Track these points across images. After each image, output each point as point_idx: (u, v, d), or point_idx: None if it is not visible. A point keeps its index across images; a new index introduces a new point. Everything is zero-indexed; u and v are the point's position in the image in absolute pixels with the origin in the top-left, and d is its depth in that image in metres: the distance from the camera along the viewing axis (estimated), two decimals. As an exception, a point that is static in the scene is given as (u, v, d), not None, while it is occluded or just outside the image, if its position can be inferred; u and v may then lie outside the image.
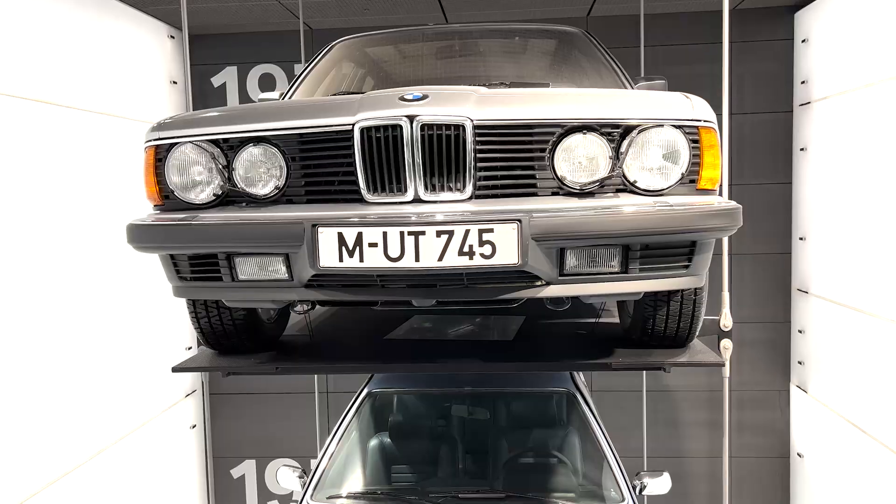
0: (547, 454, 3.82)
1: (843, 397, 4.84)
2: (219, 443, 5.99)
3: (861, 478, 4.55)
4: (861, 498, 4.55)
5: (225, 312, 2.51)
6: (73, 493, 4.08)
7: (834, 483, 4.98)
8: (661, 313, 2.44)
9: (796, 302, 5.60)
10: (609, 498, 3.45)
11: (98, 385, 4.40)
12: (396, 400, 4.28)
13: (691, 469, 5.78)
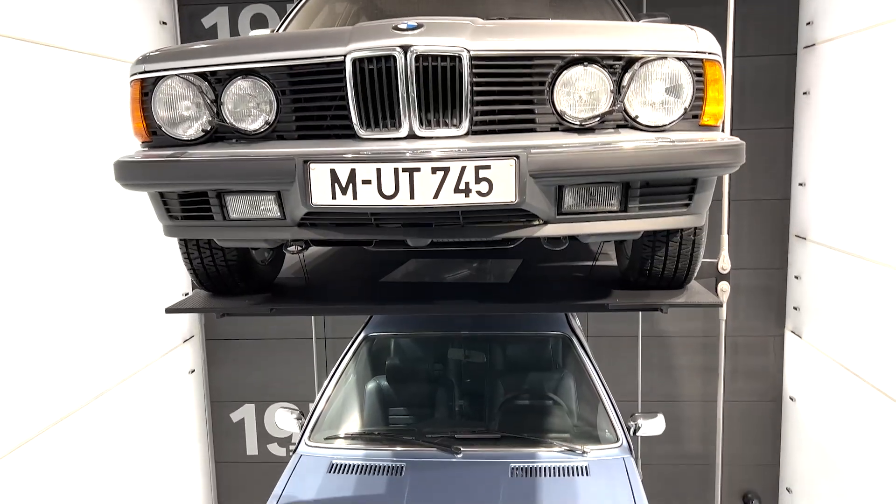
0: (542, 396, 3.85)
1: (837, 342, 4.87)
2: (217, 387, 6.05)
3: (852, 420, 4.61)
4: (851, 439, 4.63)
5: (218, 253, 2.48)
6: (74, 436, 4.12)
7: (824, 425, 5.05)
8: (660, 254, 2.41)
9: (794, 248, 5.58)
10: (604, 438, 3.49)
11: (96, 330, 4.40)
12: (393, 344, 4.29)
13: (685, 413, 5.86)
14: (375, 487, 3.21)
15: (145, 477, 4.96)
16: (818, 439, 5.17)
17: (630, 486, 3.16)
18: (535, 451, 3.40)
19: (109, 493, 4.49)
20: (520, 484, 3.17)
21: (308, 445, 3.53)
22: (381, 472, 3.28)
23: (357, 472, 3.30)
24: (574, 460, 3.33)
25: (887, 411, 4.14)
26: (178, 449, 5.55)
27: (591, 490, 3.13)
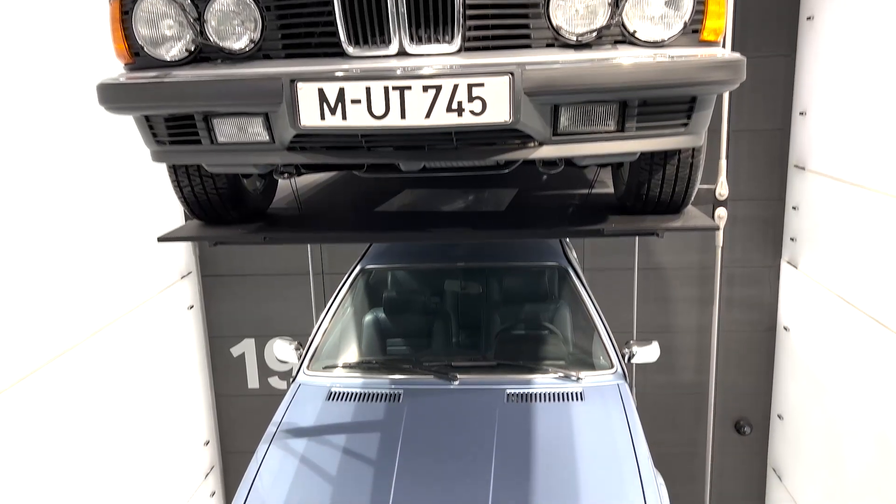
0: (538, 325, 3.88)
1: (833, 273, 4.89)
2: (217, 323, 6.09)
3: (845, 349, 4.67)
4: (843, 367, 4.70)
5: (208, 180, 2.44)
6: (75, 370, 4.16)
7: (817, 354, 5.12)
8: (657, 177, 2.37)
9: (792, 178, 5.54)
10: (598, 365, 3.53)
11: (95, 265, 4.40)
12: (390, 276, 4.30)
13: (679, 343, 5.93)
14: (374, 414, 3.26)
15: (148, 410, 5.04)
16: (811, 368, 5.24)
17: (624, 411, 3.20)
18: (530, 377, 3.44)
19: (112, 427, 4.57)
20: (515, 409, 3.22)
21: (307, 374, 3.57)
22: (379, 400, 3.33)
23: (355, 400, 3.34)
24: (569, 386, 3.37)
25: (882, 339, 4.19)
26: (180, 383, 5.63)
27: (585, 415, 3.18)
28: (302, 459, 2.97)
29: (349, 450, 3.04)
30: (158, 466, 5.17)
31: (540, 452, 2.96)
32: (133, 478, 4.78)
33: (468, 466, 2.90)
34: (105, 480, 4.44)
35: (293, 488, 2.82)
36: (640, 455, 2.93)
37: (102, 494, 4.41)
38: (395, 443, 3.02)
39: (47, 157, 3.96)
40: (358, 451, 3.03)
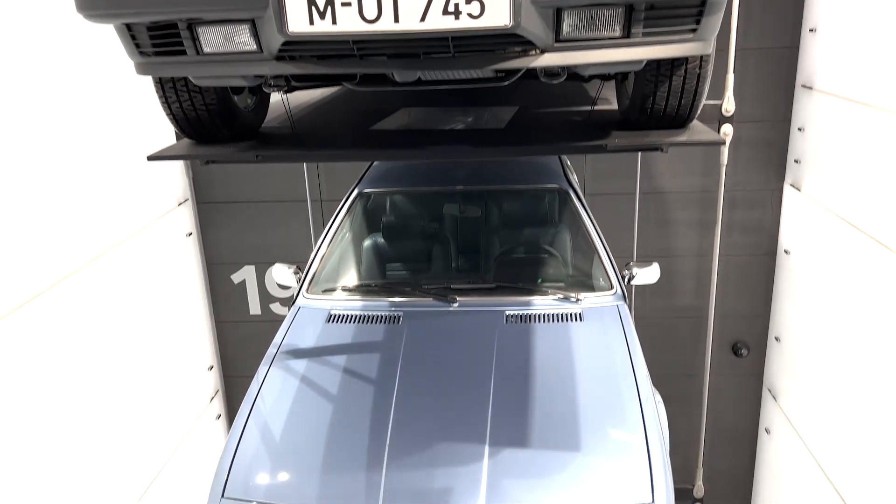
0: (538, 248, 3.85)
1: (837, 194, 4.82)
2: (216, 250, 6.07)
3: (846, 271, 4.65)
4: (843, 289, 4.69)
5: (196, 96, 2.36)
6: (74, 297, 4.16)
7: (817, 277, 5.11)
8: (663, 89, 2.29)
9: (799, 98, 5.41)
10: (598, 286, 3.51)
11: (90, 191, 4.34)
12: (388, 200, 4.24)
13: (679, 267, 5.92)
14: (373, 335, 3.27)
15: (150, 336, 5.07)
16: (810, 290, 5.25)
17: (623, 331, 3.21)
18: (529, 299, 3.43)
19: (116, 353, 4.61)
20: (514, 330, 3.22)
21: (306, 298, 3.56)
22: (378, 322, 3.33)
23: (355, 322, 3.35)
24: (568, 307, 3.36)
25: (884, 261, 4.16)
26: (182, 309, 5.65)
27: (584, 335, 3.19)
28: (302, 380, 2.99)
29: (349, 370, 3.06)
30: (164, 390, 5.25)
31: (538, 372, 2.97)
32: (139, 402, 4.86)
33: (467, 387, 2.92)
34: (111, 405, 4.51)
35: (294, 408, 2.85)
36: (639, 374, 2.95)
37: (109, 420, 4.48)
38: (394, 364, 3.04)
39: (43, 83, 3.84)
40: (358, 372, 3.05)
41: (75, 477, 4.10)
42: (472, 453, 2.57)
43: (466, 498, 2.43)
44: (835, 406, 4.78)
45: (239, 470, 2.59)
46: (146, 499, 4.84)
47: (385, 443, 2.62)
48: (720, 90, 3.49)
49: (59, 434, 3.97)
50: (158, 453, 5.12)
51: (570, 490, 2.45)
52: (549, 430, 2.68)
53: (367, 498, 2.44)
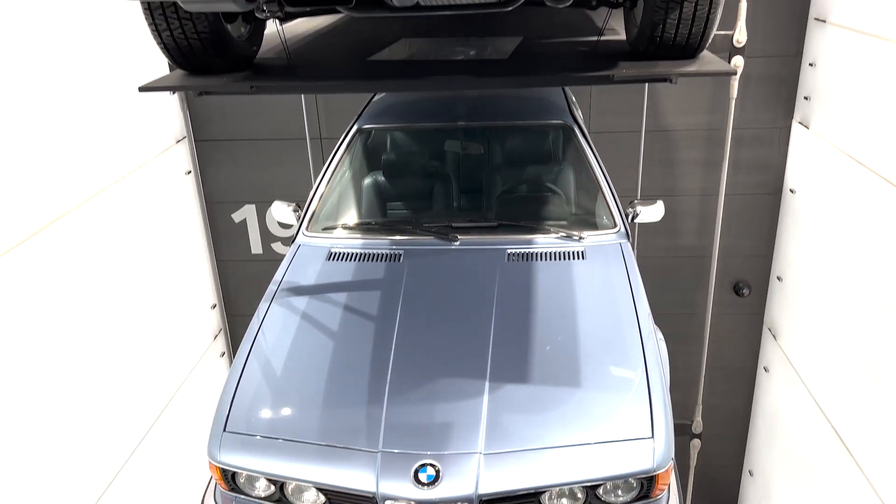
0: (541, 186, 3.79)
1: (847, 132, 4.72)
2: (216, 188, 6.01)
3: (852, 210, 4.60)
4: (848, 228, 4.65)
5: (187, 23, 2.26)
6: (74, 235, 4.12)
7: (822, 216, 5.06)
8: (673, 17, 2.19)
9: (811, 32, 5.24)
10: (601, 225, 3.47)
11: (87, 127, 4.25)
12: (389, 137, 4.16)
13: (683, 207, 5.86)
14: (374, 273, 3.25)
15: (152, 274, 5.07)
16: (814, 230, 5.21)
17: (626, 269, 3.18)
18: (531, 237, 3.40)
19: (118, 291, 4.61)
20: (516, 268, 3.20)
21: (306, 235, 3.53)
22: (379, 260, 3.31)
23: (355, 260, 3.32)
24: (571, 245, 3.33)
25: (892, 201, 4.10)
26: (183, 248, 5.63)
27: (586, 272, 3.17)
28: (303, 317, 2.98)
29: (350, 308, 3.05)
30: (168, 329, 5.28)
31: (540, 310, 2.96)
32: (143, 340, 4.89)
33: (468, 324, 2.91)
34: (114, 344, 4.54)
35: (295, 344, 2.85)
36: (641, 311, 2.94)
37: (113, 357, 4.52)
38: (395, 301, 3.03)
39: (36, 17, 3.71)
40: (359, 309, 3.04)
41: (80, 415, 4.16)
42: (473, 389, 2.59)
43: (467, 433, 2.45)
44: (834, 345, 4.80)
45: (241, 405, 2.61)
46: (150, 436, 4.93)
47: (386, 378, 2.63)
48: (731, 21, 3.35)
49: (60, 373, 4.00)
50: (163, 391, 5.18)
51: (571, 425, 2.47)
52: (549, 367, 2.69)
53: (368, 432, 2.46)
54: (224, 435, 2.53)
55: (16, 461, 3.60)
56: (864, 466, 4.33)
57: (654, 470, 2.37)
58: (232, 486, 2.58)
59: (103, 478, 4.39)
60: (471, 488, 2.32)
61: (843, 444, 4.57)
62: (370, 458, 2.39)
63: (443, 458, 2.37)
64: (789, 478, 5.59)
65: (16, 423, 3.61)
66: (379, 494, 2.34)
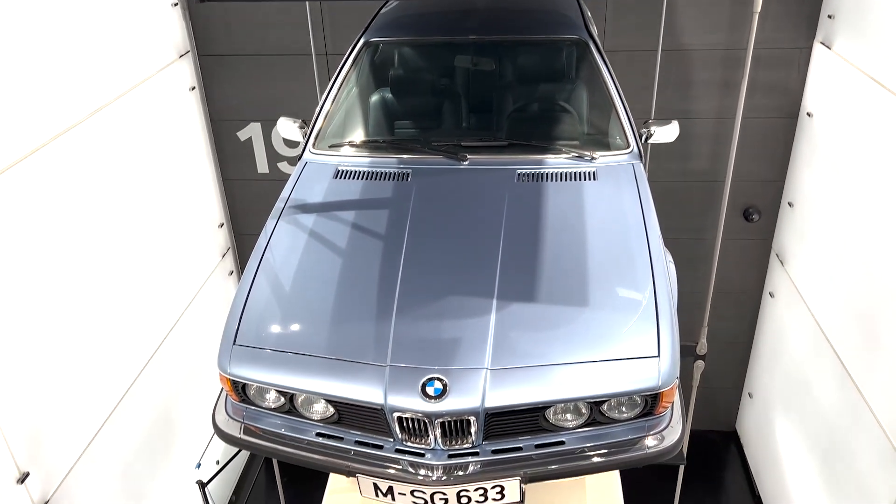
0: (553, 104, 3.70)
1: (871, 54, 4.56)
2: (220, 106, 5.91)
3: (871, 134, 4.49)
4: (864, 153, 4.55)
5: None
6: (77, 151, 4.08)
7: (839, 141, 4.95)
8: None
9: (840, -54, 4.99)
10: (614, 145, 3.41)
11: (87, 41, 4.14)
12: (396, 53, 4.04)
13: (696, 130, 5.75)
14: (382, 192, 3.22)
15: (158, 192, 5.05)
16: (829, 155, 5.11)
17: (637, 190, 3.14)
18: (542, 157, 3.34)
19: (124, 209, 4.60)
20: (525, 188, 3.16)
21: (312, 153, 3.49)
22: (387, 179, 3.27)
23: (363, 178, 3.29)
24: (582, 166, 3.28)
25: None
26: (188, 165, 5.59)
27: (597, 193, 3.13)
28: (311, 234, 2.97)
29: (358, 226, 3.03)
30: (175, 246, 5.30)
31: (549, 230, 2.94)
32: (150, 258, 4.91)
33: (477, 243, 2.90)
34: (122, 263, 4.56)
35: (303, 260, 2.86)
36: (651, 233, 2.92)
37: (120, 276, 4.55)
38: (403, 220, 3.01)
39: None
40: (366, 228, 3.03)
41: (90, 334, 4.23)
42: (481, 306, 2.60)
43: (474, 350, 2.47)
44: (841, 272, 4.79)
45: (250, 319, 2.63)
46: (160, 354, 5.02)
47: (394, 295, 2.65)
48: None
49: (70, 292, 4.04)
50: (172, 309, 5.25)
51: (578, 343, 2.49)
52: (558, 286, 2.69)
53: (376, 347, 2.49)
54: (234, 348, 2.57)
55: (29, 380, 3.68)
56: (864, 392, 4.39)
57: (659, 388, 2.40)
58: (242, 397, 2.63)
59: (115, 393, 4.50)
60: (477, 402, 2.37)
61: (846, 370, 4.63)
62: (378, 372, 2.43)
63: (450, 372, 2.41)
64: (788, 401, 5.70)
65: (27, 342, 3.67)
66: (387, 406, 2.39)
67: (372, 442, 2.54)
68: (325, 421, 2.59)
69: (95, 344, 4.27)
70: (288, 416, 2.62)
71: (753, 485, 6.39)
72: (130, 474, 4.69)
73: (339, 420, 2.57)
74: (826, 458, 4.99)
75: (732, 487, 6.52)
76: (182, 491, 5.39)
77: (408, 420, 2.42)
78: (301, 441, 2.60)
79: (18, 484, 3.58)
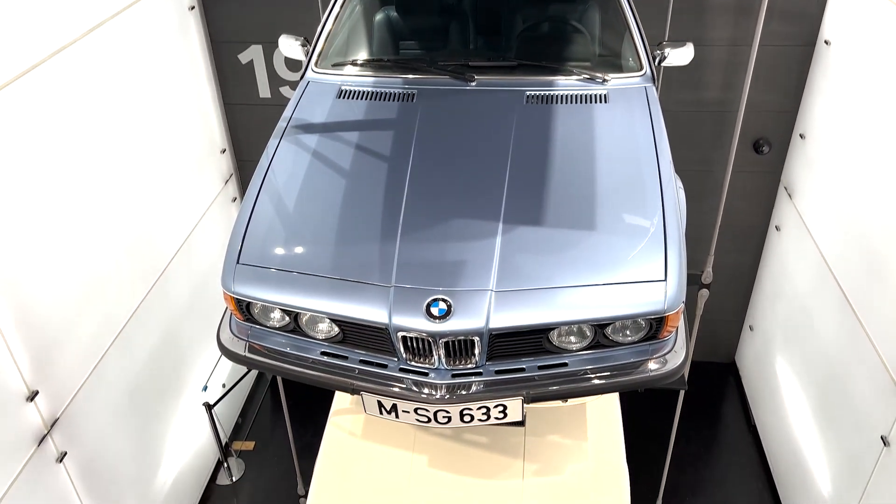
0: (564, 24, 3.58)
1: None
2: (220, 27, 5.74)
3: (890, 64, 4.35)
4: (884, 84, 4.43)
5: None
6: (73, 70, 3.97)
7: (857, 70, 4.81)
8: None
9: None
10: (627, 67, 3.31)
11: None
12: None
13: (710, 57, 5.58)
14: (386, 112, 3.15)
15: (158, 115, 4.95)
16: (846, 85, 4.97)
17: (649, 113, 3.07)
18: (552, 79, 3.25)
19: (119, 132, 4.52)
20: (534, 110, 3.08)
21: (315, 72, 3.40)
22: (391, 99, 3.19)
23: (367, 98, 3.21)
24: (593, 88, 3.19)
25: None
26: (188, 89, 5.47)
27: (608, 116, 3.06)
28: (314, 154, 2.92)
29: (362, 146, 2.98)
30: (177, 172, 5.24)
31: (558, 153, 2.89)
32: (150, 183, 4.86)
33: (483, 165, 2.85)
34: (119, 187, 4.51)
35: (306, 181, 2.81)
36: (662, 158, 2.86)
37: (120, 201, 4.51)
38: (408, 141, 2.95)
39: None
40: (371, 149, 2.97)
41: (94, 258, 4.22)
42: (486, 229, 2.57)
43: (479, 271, 2.46)
44: (850, 205, 4.73)
45: (253, 238, 2.61)
46: (164, 278, 5.02)
47: (399, 217, 2.62)
48: None
49: (76, 214, 4.01)
50: (176, 234, 5.23)
51: (584, 266, 2.47)
52: (565, 210, 2.65)
53: (381, 268, 2.48)
54: (238, 267, 2.55)
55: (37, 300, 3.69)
56: (866, 325, 4.40)
57: (664, 311, 2.40)
58: (247, 316, 2.64)
59: (121, 316, 4.53)
60: (481, 323, 2.36)
61: (848, 303, 4.63)
62: (383, 293, 2.42)
63: (455, 293, 2.40)
64: (789, 334, 5.74)
65: (34, 264, 3.66)
66: (392, 326, 2.39)
67: (376, 361, 2.56)
68: (329, 340, 2.59)
69: (101, 266, 4.27)
70: (292, 335, 2.63)
71: (750, 415, 6.50)
72: (138, 395, 4.78)
73: (343, 339, 2.58)
74: (823, 390, 5.05)
75: (729, 418, 6.64)
76: (189, 413, 5.50)
77: (412, 340, 2.42)
78: (306, 360, 2.61)
79: (28, 402, 3.64)
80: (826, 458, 4.96)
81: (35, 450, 3.70)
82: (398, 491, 3.29)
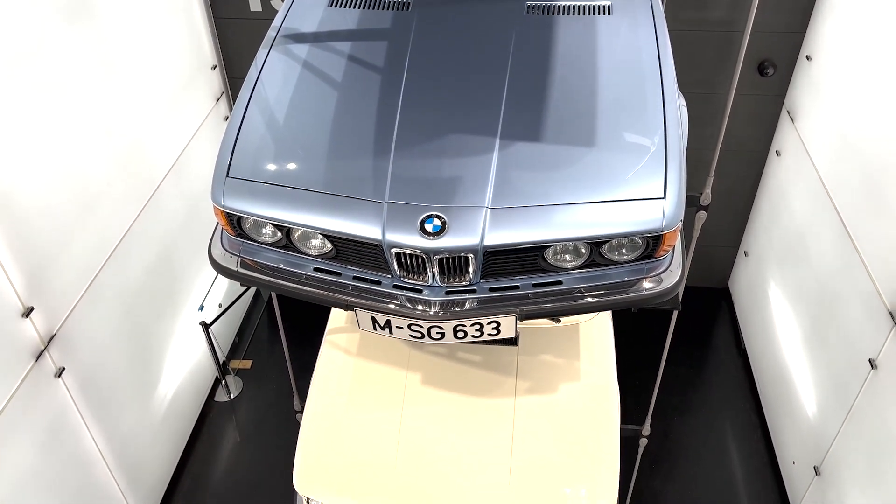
0: None
1: None
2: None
3: None
4: None
5: None
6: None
7: None
8: None
9: None
10: None
11: None
12: None
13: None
14: (380, 22, 3.02)
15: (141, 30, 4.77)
16: (856, 3, 4.80)
17: (654, 28, 2.96)
18: (554, -10, 3.11)
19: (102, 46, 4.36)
20: (534, 21, 2.96)
21: (306, -21, 3.24)
22: (385, 8, 3.06)
23: (360, 7, 3.08)
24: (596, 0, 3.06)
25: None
26: (176, 2, 5.25)
27: (611, 29, 2.94)
28: (305, 65, 2.82)
29: (355, 57, 2.87)
30: (167, 89, 5.10)
31: (558, 67, 2.79)
32: (142, 100, 4.73)
33: (481, 79, 2.76)
34: (113, 103, 4.39)
35: (297, 93, 2.72)
36: (666, 73, 2.77)
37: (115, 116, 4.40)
38: (403, 52, 2.84)
39: None
40: (364, 60, 2.87)
41: (86, 175, 4.14)
42: (483, 145, 2.51)
43: (474, 188, 2.41)
44: (854, 130, 4.65)
45: (243, 151, 2.55)
46: (157, 196, 4.96)
47: (393, 131, 2.55)
48: None
49: (68, 131, 3.91)
50: (167, 152, 5.14)
51: (583, 183, 2.42)
52: (564, 126, 2.58)
53: (374, 183, 2.43)
54: (227, 180, 2.50)
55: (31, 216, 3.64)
56: (861, 250, 4.40)
57: (662, 229, 2.37)
58: (238, 231, 2.60)
59: (115, 233, 4.49)
60: (475, 240, 2.34)
61: (845, 228, 4.61)
62: (376, 208, 2.38)
63: (449, 210, 2.36)
64: (783, 259, 5.74)
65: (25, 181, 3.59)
66: (385, 242, 2.36)
67: (370, 278, 2.54)
68: (322, 256, 2.57)
69: (93, 183, 4.20)
70: (285, 251, 2.60)
71: (740, 339, 6.59)
72: (134, 313, 4.79)
73: (336, 256, 2.55)
74: (814, 314, 5.09)
75: (720, 342, 6.73)
76: (186, 332, 5.55)
77: (406, 256, 2.40)
78: (299, 276, 2.59)
79: (24, 318, 3.64)
80: (813, 381, 5.05)
81: (33, 365, 3.73)
82: (393, 407, 3.35)
